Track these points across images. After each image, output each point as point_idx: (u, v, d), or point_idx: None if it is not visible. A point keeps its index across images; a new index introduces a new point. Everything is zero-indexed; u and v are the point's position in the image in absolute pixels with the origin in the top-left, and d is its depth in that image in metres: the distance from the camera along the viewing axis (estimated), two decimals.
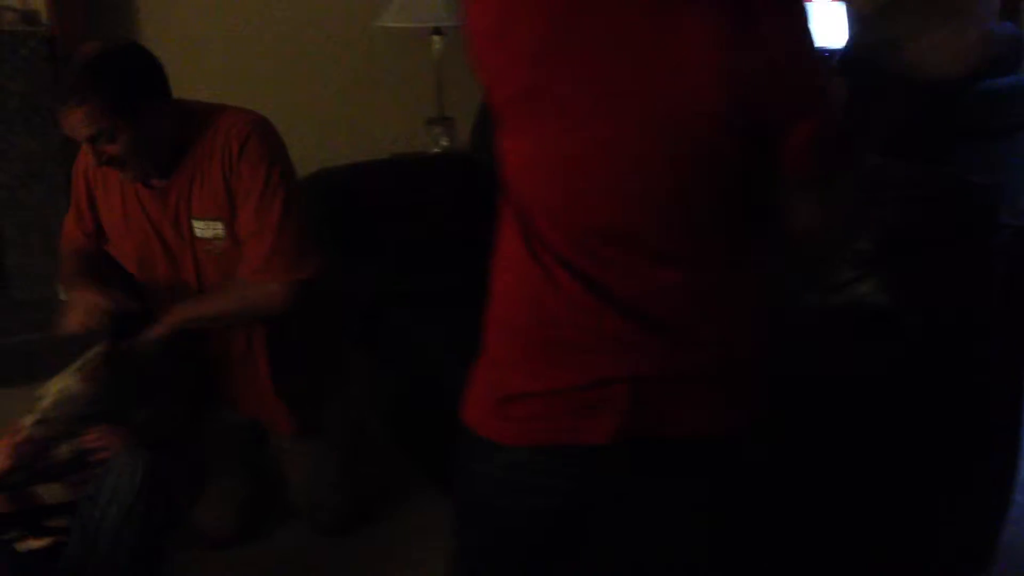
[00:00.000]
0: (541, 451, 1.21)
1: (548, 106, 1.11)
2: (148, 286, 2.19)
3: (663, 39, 1.06)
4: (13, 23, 3.13)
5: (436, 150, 3.44)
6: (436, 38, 3.41)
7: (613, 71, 1.08)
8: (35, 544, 1.93)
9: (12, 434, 1.92)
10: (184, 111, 2.06)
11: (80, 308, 2.06)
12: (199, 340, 2.16)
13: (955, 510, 1.98)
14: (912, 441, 1.83)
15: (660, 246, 1.14)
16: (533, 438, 1.21)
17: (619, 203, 1.12)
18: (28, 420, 1.93)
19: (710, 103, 1.05)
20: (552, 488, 1.23)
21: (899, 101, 3.24)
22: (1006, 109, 3.52)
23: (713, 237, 1.16)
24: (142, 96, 1.94)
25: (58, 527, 1.92)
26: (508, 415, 1.21)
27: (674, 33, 1.06)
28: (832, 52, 3.64)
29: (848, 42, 3.69)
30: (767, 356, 1.24)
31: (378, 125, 3.52)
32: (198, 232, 2.09)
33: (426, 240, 2.85)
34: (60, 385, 1.95)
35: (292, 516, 2.35)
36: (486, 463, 1.25)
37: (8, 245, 3.37)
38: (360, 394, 2.54)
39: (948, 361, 1.85)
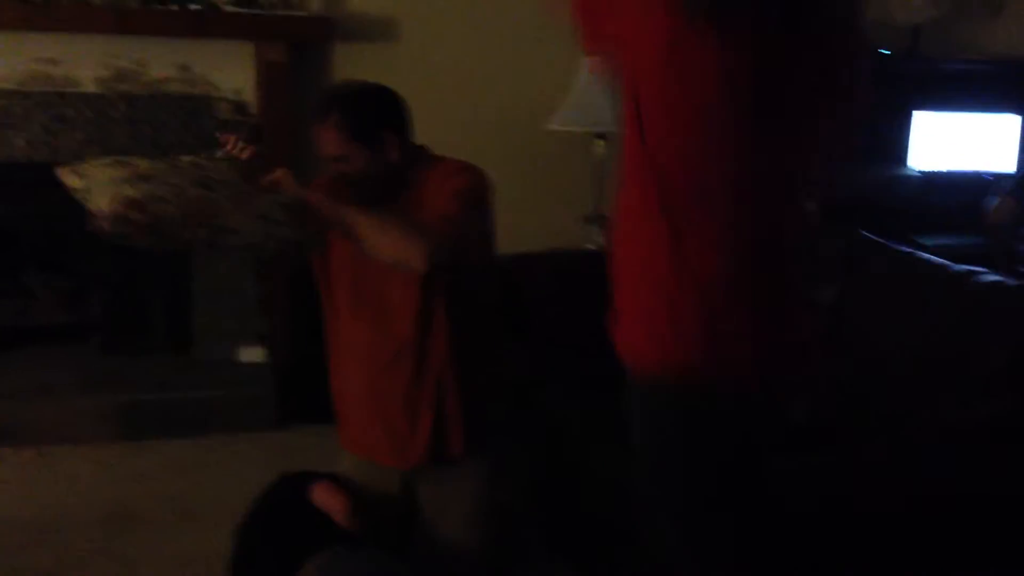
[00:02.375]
0: None
1: None
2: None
3: None
4: (226, 113, 3.54)
5: (590, 246, 3.63)
6: (599, 142, 3.65)
7: None
8: None
9: None
10: (418, 151, 2.27)
11: None
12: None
13: None
14: None
15: None
16: None
17: None
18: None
19: None
20: None
21: None
22: None
23: None
24: (384, 128, 2.18)
25: None
26: None
27: None
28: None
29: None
30: None
31: (538, 220, 3.71)
32: None
33: (573, 328, 3.01)
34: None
35: None
36: None
37: (196, 306, 3.74)
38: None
39: None
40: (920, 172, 4.08)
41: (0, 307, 3.85)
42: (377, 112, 2.20)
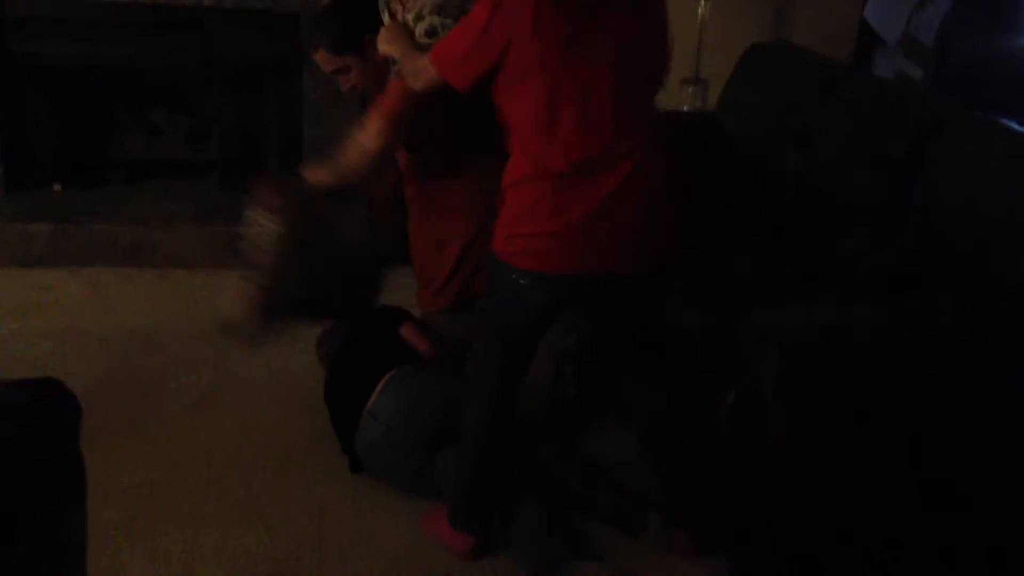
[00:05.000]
0: None
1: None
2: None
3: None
4: None
5: (686, 108, 3.64)
6: (703, 2, 3.60)
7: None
8: None
9: None
10: None
11: None
12: None
13: None
14: None
15: None
16: None
17: None
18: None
19: None
20: None
21: None
22: None
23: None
24: (362, 33, 2.34)
25: None
26: None
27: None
28: None
29: None
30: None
31: None
32: None
33: None
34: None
35: None
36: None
37: (304, 147, 3.92)
38: None
39: None
40: None
41: (129, 141, 4.14)
42: (348, 21, 2.38)
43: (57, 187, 3.94)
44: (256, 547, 2.20)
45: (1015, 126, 2.37)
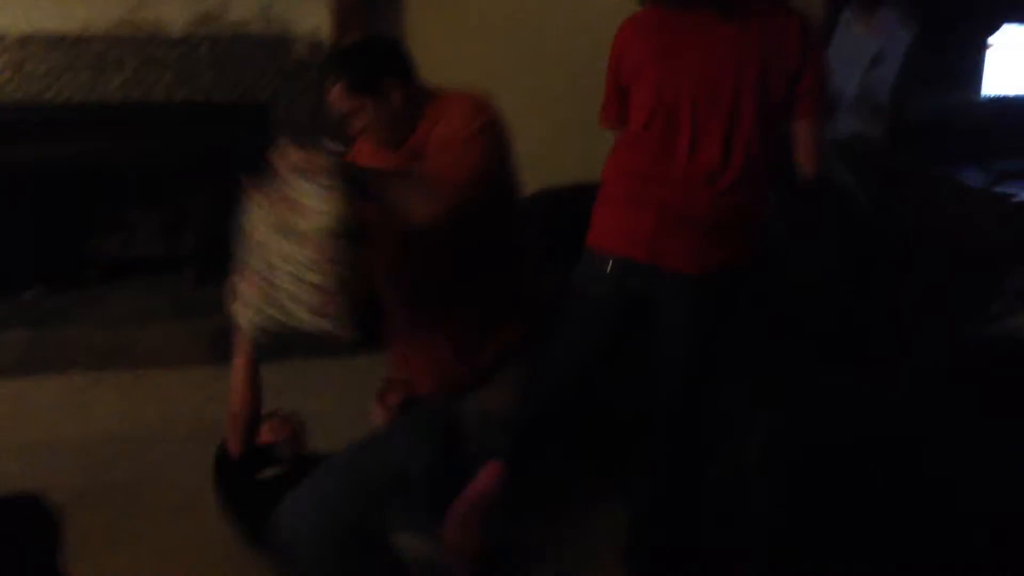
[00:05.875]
0: None
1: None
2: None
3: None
4: (303, 53, 3.69)
5: None
6: None
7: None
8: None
9: None
10: (422, 92, 2.38)
11: None
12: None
13: None
14: None
15: None
16: None
17: None
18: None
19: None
20: None
21: None
22: None
23: None
24: (383, 76, 2.31)
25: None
26: None
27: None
28: None
29: None
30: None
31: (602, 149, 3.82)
32: None
33: None
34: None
35: None
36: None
37: None
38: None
39: None
40: (995, 96, 4.00)
41: (104, 240, 4.14)
42: (372, 62, 2.32)
43: (31, 291, 3.92)
44: None
45: (969, 182, 2.42)
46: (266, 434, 2.52)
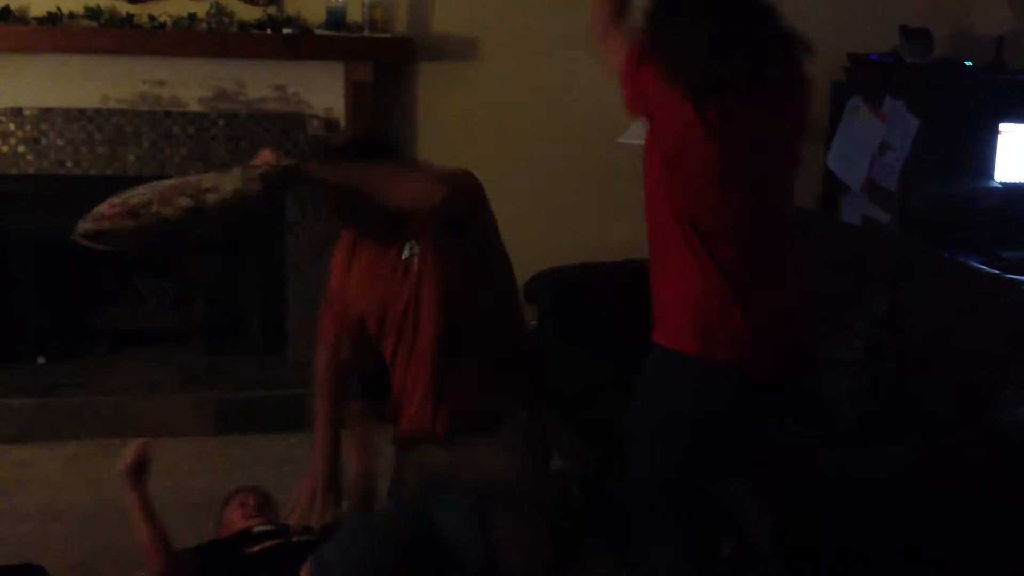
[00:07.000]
0: None
1: None
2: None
3: None
4: (317, 130, 3.76)
5: None
6: None
7: None
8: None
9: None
10: None
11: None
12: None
13: None
14: None
15: None
16: None
17: None
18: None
19: None
20: None
21: None
22: None
23: None
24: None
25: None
26: None
27: None
28: None
29: None
30: None
31: (610, 231, 3.79)
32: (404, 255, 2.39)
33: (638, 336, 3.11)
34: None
35: None
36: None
37: (290, 312, 3.97)
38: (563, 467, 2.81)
39: None
40: (1005, 184, 4.03)
41: (114, 310, 4.17)
42: (371, 157, 2.32)
43: (41, 359, 3.94)
44: None
45: (982, 267, 2.44)
46: (239, 521, 2.51)
